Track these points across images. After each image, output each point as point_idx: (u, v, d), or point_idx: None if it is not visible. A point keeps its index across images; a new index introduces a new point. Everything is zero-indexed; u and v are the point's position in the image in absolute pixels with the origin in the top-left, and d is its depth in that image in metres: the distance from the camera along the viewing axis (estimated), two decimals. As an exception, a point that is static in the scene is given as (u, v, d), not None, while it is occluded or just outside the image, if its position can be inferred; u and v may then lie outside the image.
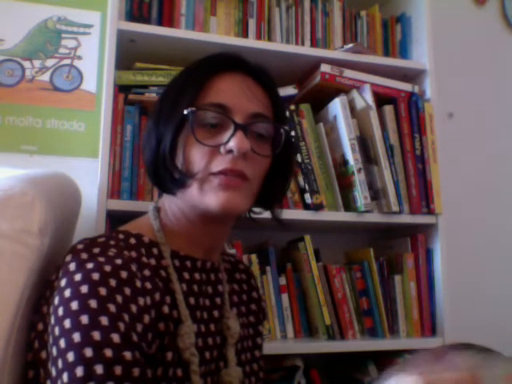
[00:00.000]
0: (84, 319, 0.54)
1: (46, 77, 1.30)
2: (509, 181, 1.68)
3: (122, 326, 0.56)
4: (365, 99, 1.20)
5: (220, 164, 0.66)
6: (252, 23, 1.27)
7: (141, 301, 0.59)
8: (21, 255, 0.63)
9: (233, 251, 1.13)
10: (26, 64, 1.30)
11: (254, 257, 1.16)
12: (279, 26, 1.30)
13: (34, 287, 0.65)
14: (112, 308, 0.56)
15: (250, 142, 0.67)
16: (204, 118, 0.67)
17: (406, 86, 1.28)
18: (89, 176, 1.11)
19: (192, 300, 0.70)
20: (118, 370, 0.53)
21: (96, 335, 0.54)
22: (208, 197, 0.66)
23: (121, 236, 0.67)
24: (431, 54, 1.29)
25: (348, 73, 1.23)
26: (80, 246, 0.63)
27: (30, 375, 0.62)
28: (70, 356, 0.53)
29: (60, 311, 0.57)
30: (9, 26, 1.29)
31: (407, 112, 1.24)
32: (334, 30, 1.35)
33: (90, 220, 1.01)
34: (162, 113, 0.71)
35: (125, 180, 1.06)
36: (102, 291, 0.56)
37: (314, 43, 1.32)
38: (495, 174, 1.66)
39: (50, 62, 1.31)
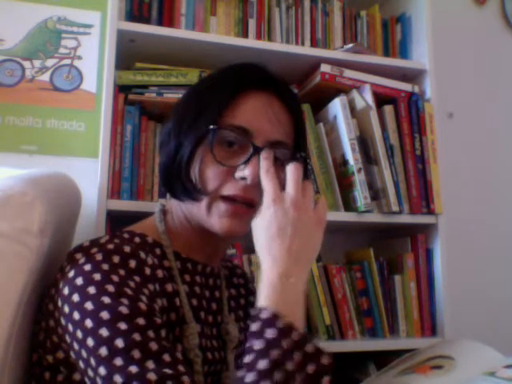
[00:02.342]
0: (106, 299, 0.55)
1: (46, 77, 1.30)
2: (509, 181, 1.68)
3: (143, 303, 0.57)
4: (365, 99, 1.20)
5: (231, 189, 0.66)
6: (252, 23, 1.27)
7: (151, 287, 0.61)
8: (21, 255, 0.63)
9: (233, 251, 1.13)
10: (26, 64, 1.30)
11: (253, 257, 1.15)
12: (279, 26, 1.30)
13: (34, 287, 0.65)
14: (129, 291, 0.57)
15: None
16: (224, 137, 0.67)
17: (405, 86, 1.28)
18: (89, 176, 1.11)
19: (194, 301, 0.70)
20: (151, 334, 0.54)
21: (124, 309, 0.55)
22: (213, 219, 0.67)
23: (125, 235, 0.68)
24: (431, 54, 1.29)
25: (348, 73, 1.23)
26: (87, 244, 0.64)
27: (37, 373, 0.62)
28: (104, 331, 0.54)
29: (75, 298, 0.57)
30: (9, 26, 1.29)
31: (407, 112, 1.24)
32: (334, 30, 1.35)
33: (90, 220, 1.01)
34: (184, 121, 0.70)
35: (125, 180, 1.06)
36: (115, 278, 0.58)
37: (314, 43, 1.32)
38: (495, 174, 1.66)
39: (50, 62, 1.31)
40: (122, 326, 0.54)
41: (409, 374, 0.72)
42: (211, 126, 0.66)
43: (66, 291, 0.59)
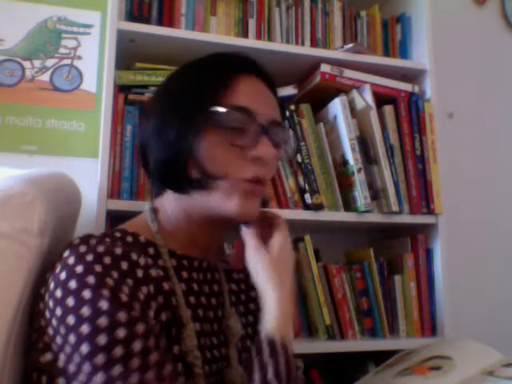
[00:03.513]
0: (104, 305, 0.55)
1: (45, 77, 1.30)
2: (509, 181, 1.68)
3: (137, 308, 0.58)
4: (365, 99, 1.20)
5: (248, 171, 0.66)
6: (252, 23, 1.27)
7: (144, 289, 0.60)
8: (21, 255, 0.63)
9: (233, 251, 1.13)
10: (26, 64, 1.30)
11: (253, 257, 1.15)
12: (279, 26, 1.30)
13: (33, 287, 0.65)
14: (124, 297, 0.57)
15: None
16: (231, 119, 0.66)
17: (405, 86, 1.28)
18: (89, 176, 1.11)
19: (192, 299, 0.70)
20: (151, 341, 0.56)
21: (122, 317, 0.55)
22: (233, 203, 0.66)
23: (117, 234, 0.68)
24: (431, 54, 1.29)
25: (348, 73, 1.23)
26: (77, 241, 0.62)
27: (34, 377, 0.61)
28: (102, 339, 0.54)
29: (70, 302, 0.56)
30: (9, 26, 1.29)
31: (407, 112, 1.24)
32: (334, 30, 1.35)
33: (89, 220, 1.00)
34: (180, 108, 0.68)
35: (125, 180, 1.06)
36: (110, 282, 0.57)
37: (313, 43, 1.32)
38: (495, 174, 1.66)
39: (50, 62, 1.31)
40: (121, 333, 0.54)
41: (407, 375, 0.72)
42: (221, 109, 0.65)
43: (58, 294, 0.58)
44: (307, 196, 1.14)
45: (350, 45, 1.23)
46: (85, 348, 0.54)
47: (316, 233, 1.23)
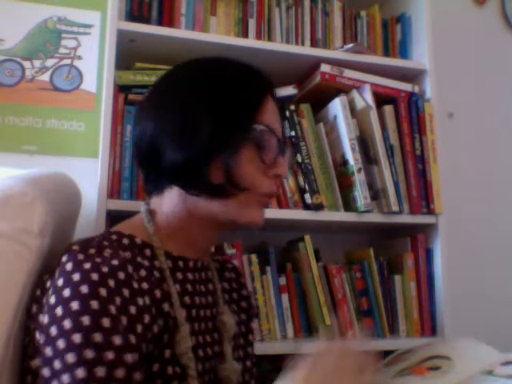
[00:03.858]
0: (86, 320, 0.54)
1: (45, 77, 1.30)
2: (509, 181, 1.68)
3: (121, 328, 0.56)
4: (365, 99, 1.20)
5: (269, 186, 0.71)
6: (252, 23, 1.27)
7: (140, 301, 0.60)
8: (21, 255, 0.63)
9: (233, 251, 1.13)
10: (26, 64, 1.30)
11: (254, 257, 1.16)
12: (279, 26, 1.30)
13: (33, 287, 0.65)
14: (113, 310, 0.56)
15: None
16: (264, 138, 0.70)
17: (405, 86, 1.28)
18: (89, 176, 1.11)
19: (187, 299, 0.70)
20: (119, 372, 0.53)
21: (98, 337, 0.54)
22: (250, 212, 0.71)
23: (114, 237, 0.67)
24: (431, 54, 1.29)
25: (348, 73, 1.23)
26: (75, 247, 0.62)
27: (29, 380, 0.60)
28: (71, 357, 0.53)
29: (58, 311, 0.56)
30: (9, 26, 1.29)
31: (407, 112, 1.24)
32: (334, 30, 1.35)
33: (89, 220, 1.01)
34: (215, 115, 0.67)
35: (125, 180, 1.06)
36: (103, 292, 0.56)
37: (314, 43, 1.32)
38: (495, 174, 1.66)
39: (50, 62, 1.31)
40: (89, 354, 0.53)
41: (406, 375, 0.72)
42: (261, 127, 0.69)
43: (52, 300, 0.58)
44: (307, 196, 1.14)
45: (350, 45, 1.23)
46: (57, 364, 0.53)
47: (316, 233, 1.23)
